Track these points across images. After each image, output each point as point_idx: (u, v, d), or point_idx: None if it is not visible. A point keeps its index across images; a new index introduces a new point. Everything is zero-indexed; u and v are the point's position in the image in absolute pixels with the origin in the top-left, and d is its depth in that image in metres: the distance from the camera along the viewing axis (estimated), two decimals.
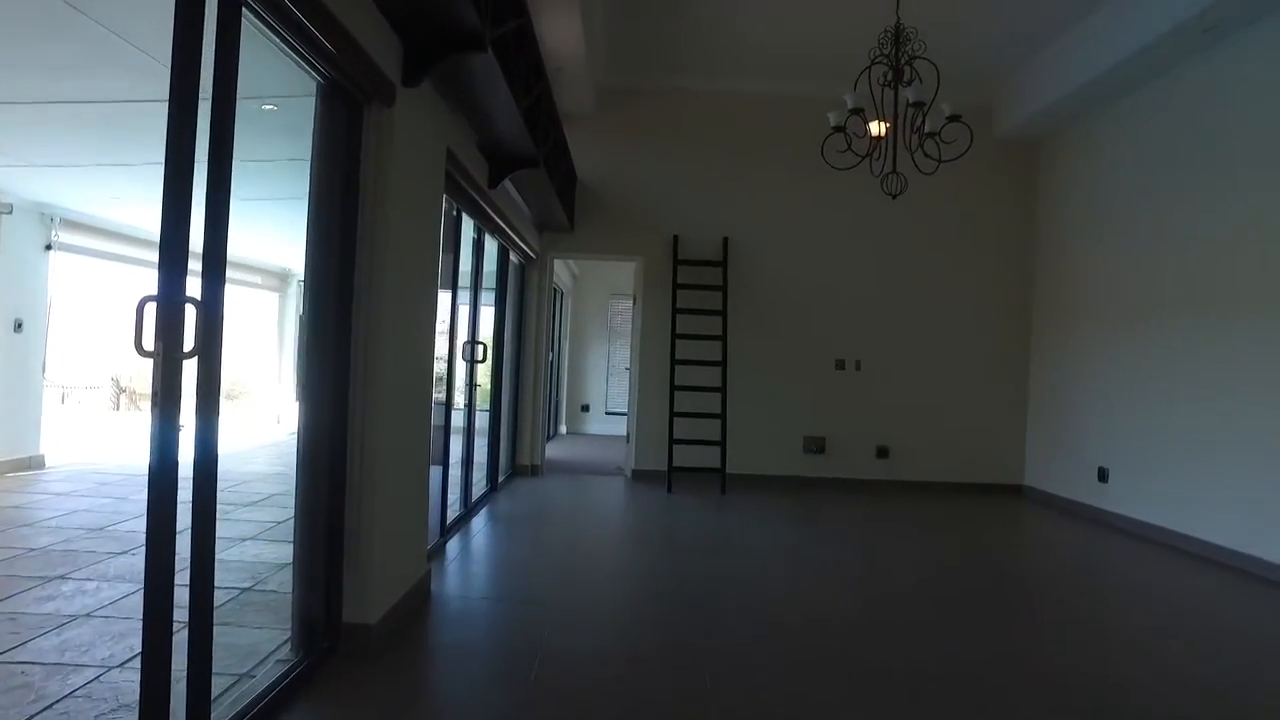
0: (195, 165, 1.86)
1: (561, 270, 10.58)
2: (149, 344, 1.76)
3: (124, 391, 14.28)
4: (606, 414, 12.33)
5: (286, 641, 3.10)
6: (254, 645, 3.17)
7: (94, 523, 5.18)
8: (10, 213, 6.74)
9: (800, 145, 7.79)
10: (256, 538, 5.00)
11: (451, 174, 3.95)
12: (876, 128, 5.18)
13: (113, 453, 8.40)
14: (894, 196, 5.23)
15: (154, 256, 1.84)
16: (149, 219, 8.00)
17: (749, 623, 3.80)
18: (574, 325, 12.25)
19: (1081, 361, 7.12)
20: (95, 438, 9.85)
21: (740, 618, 3.87)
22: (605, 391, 12.38)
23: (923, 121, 4.93)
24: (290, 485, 6.83)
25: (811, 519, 6.56)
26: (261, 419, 12.10)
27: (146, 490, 1.93)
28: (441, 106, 3.66)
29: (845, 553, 5.49)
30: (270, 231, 8.65)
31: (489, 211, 5.05)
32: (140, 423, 12.09)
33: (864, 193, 7.70)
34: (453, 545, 4.95)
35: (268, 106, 4.36)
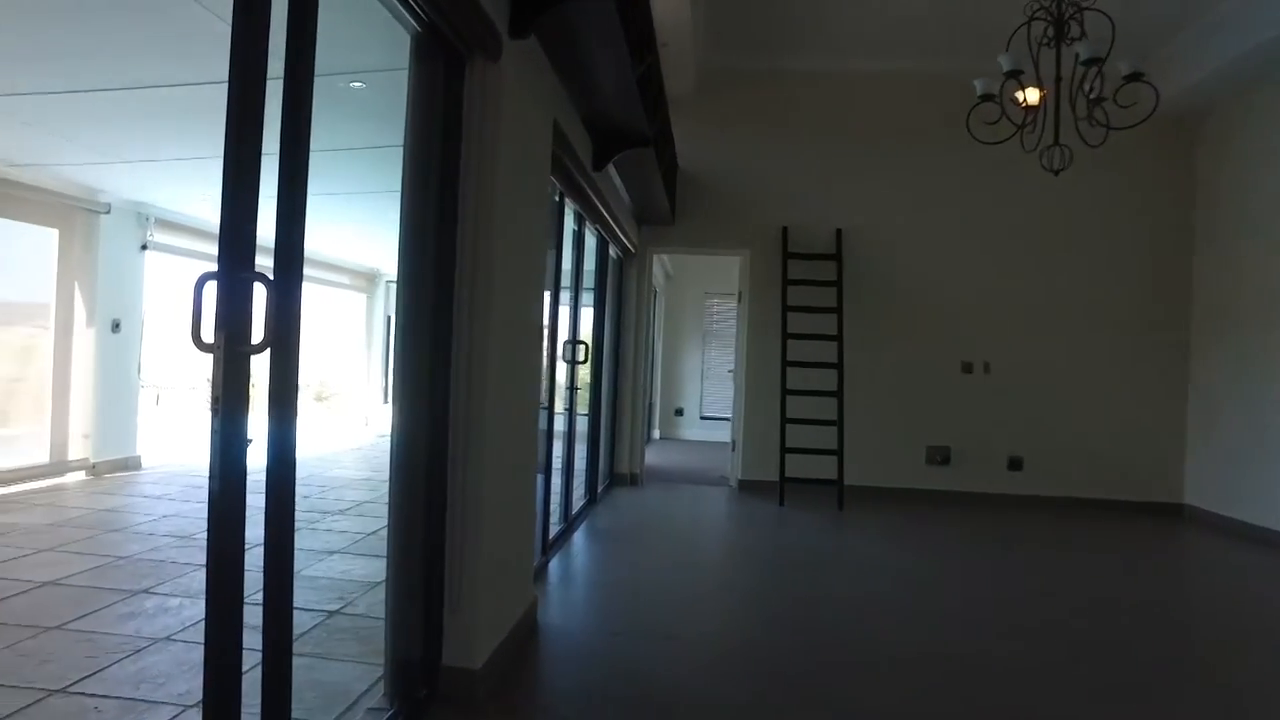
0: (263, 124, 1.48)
1: (655, 268, 10.16)
2: (209, 335, 1.37)
3: None
4: (702, 419, 11.85)
5: (379, 681, 2.74)
6: (342, 685, 2.82)
7: (182, 529, 5.01)
8: (108, 212, 6.74)
9: (923, 127, 7.17)
10: (344, 550, 4.73)
11: (556, 151, 3.55)
12: (1031, 94, 4.56)
13: (207, 454, 8.41)
14: (1056, 173, 4.58)
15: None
16: None
17: (900, 668, 3.27)
18: (667, 326, 11.81)
19: (1266, 364, 6.22)
20: (189, 439, 9.95)
21: (890, 658, 3.34)
22: (700, 395, 11.91)
23: (1095, 82, 4.27)
24: (380, 492, 6.63)
25: (938, 537, 5.92)
26: (349, 421, 12.09)
27: (207, 513, 1.56)
28: (547, 69, 3.26)
29: (978, 577, 4.85)
30: (358, 229, 8.52)
31: (592, 197, 4.65)
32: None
33: (997, 175, 7.05)
34: (555, 567, 4.56)
35: (355, 84, 4.06)
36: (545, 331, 4.29)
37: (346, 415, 12.18)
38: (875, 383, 7.24)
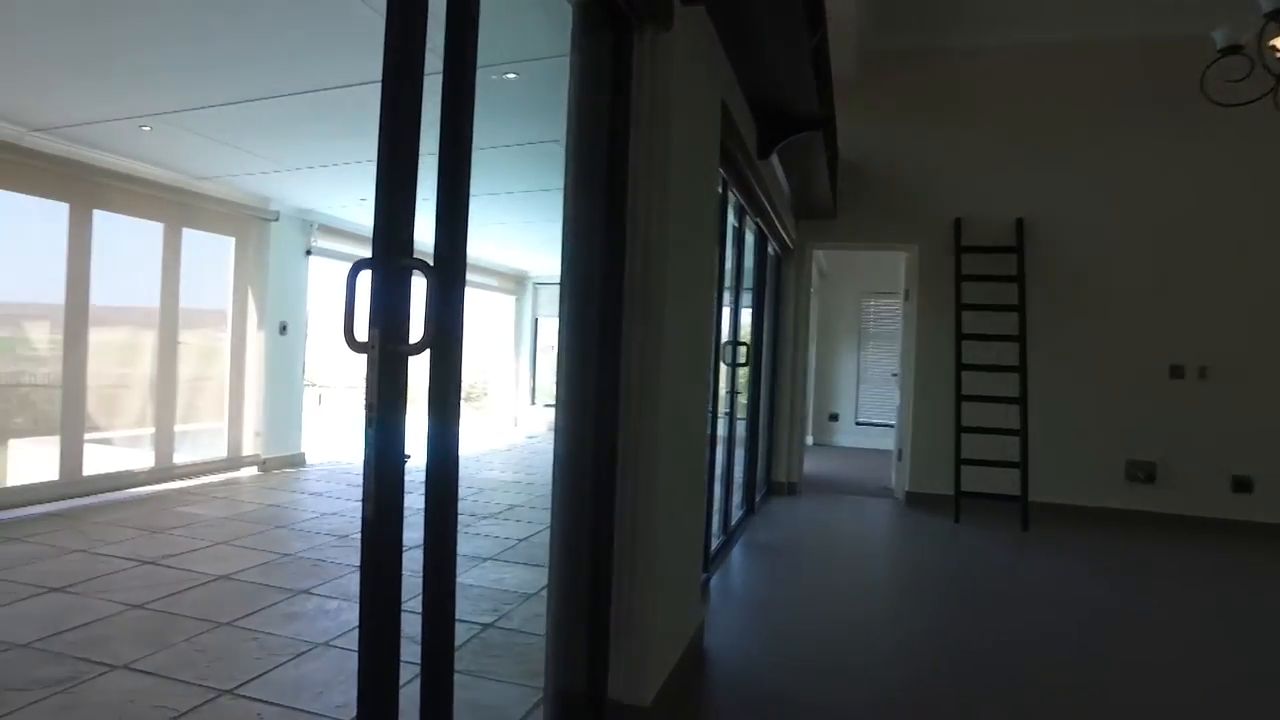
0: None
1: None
2: (362, 332, 1.19)
3: None
4: (857, 424, 11.26)
5: (537, 707, 2.58)
6: (498, 708, 2.68)
7: (341, 529, 5.12)
8: (277, 219, 7.09)
9: (1117, 101, 6.41)
10: (497, 558, 4.65)
11: (722, 136, 3.28)
12: None
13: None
14: None
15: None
16: None
17: None
18: (821, 327, 11.30)
19: None
20: (348, 438, 10.42)
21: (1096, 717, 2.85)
22: (855, 400, 11.32)
23: None
24: (530, 495, 6.61)
25: (1145, 568, 5.20)
26: (498, 422, 12.34)
27: (361, 537, 1.40)
28: (715, 42, 3.00)
29: (1203, 620, 4.15)
30: (506, 231, 8.60)
31: (755, 188, 4.35)
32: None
33: (1213, 149, 6.19)
34: (716, 585, 4.30)
35: (509, 75, 3.96)
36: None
37: (495, 416, 12.44)
38: (1064, 388, 6.52)
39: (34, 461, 5.58)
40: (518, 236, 8.97)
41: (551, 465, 2.35)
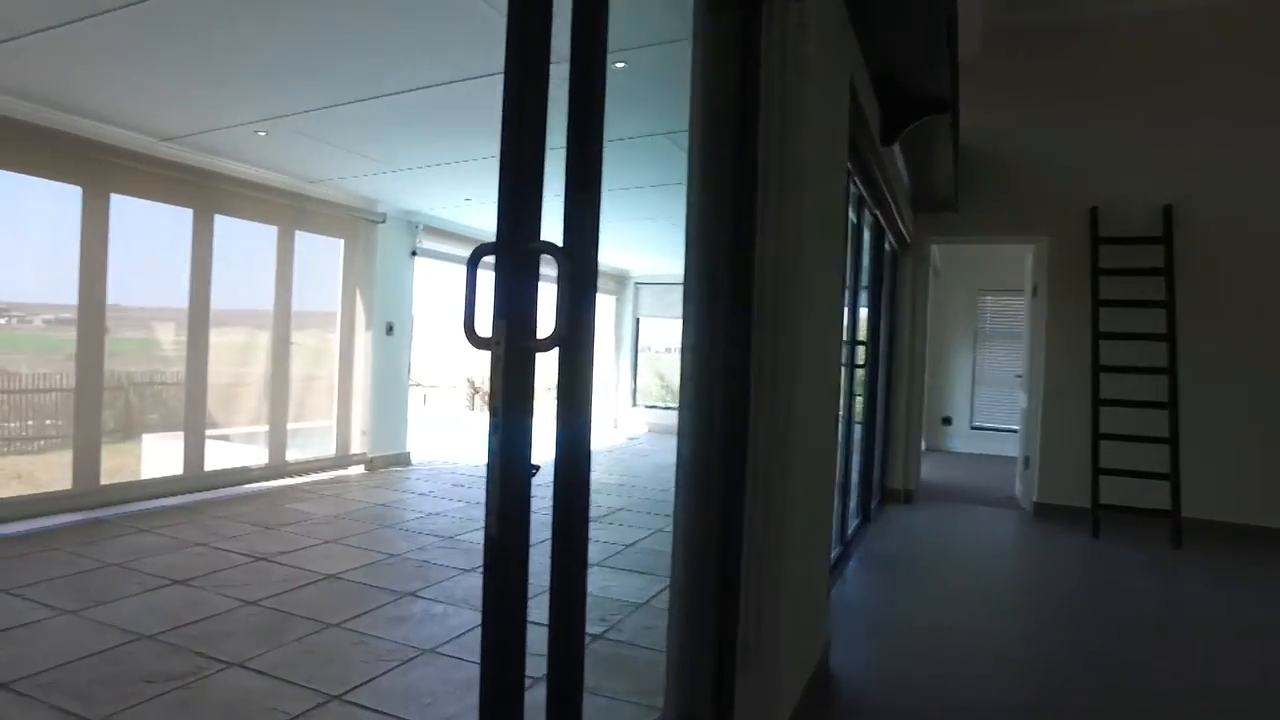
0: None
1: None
2: (484, 327, 1.06)
3: (478, 392, 15.66)
4: (972, 429, 10.69)
5: None
6: None
7: (445, 529, 5.12)
8: (384, 221, 7.23)
9: None
10: (603, 564, 4.55)
11: (849, 122, 3.05)
12: None
13: (466, 452, 8.83)
14: None
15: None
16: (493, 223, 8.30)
17: None
18: (934, 326, 10.76)
19: None
20: (451, 437, 10.58)
21: None
22: (971, 403, 10.75)
23: None
24: (634, 498, 6.49)
25: None
26: (598, 423, 12.34)
27: (484, 554, 1.29)
28: (844, 15, 2.78)
29: None
30: (606, 229, 8.53)
31: (877, 177, 4.09)
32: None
33: None
34: (835, 599, 4.06)
35: (618, 65, 3.84)
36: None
37: (595, 416, 12.45)
38: (1221, 392, 5.92)
39: (162, 457, 5.84)
40: (620, 235, 8.90)
41: (675, 471, 2.20)
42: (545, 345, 1.14)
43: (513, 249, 1.11)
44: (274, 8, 3.27)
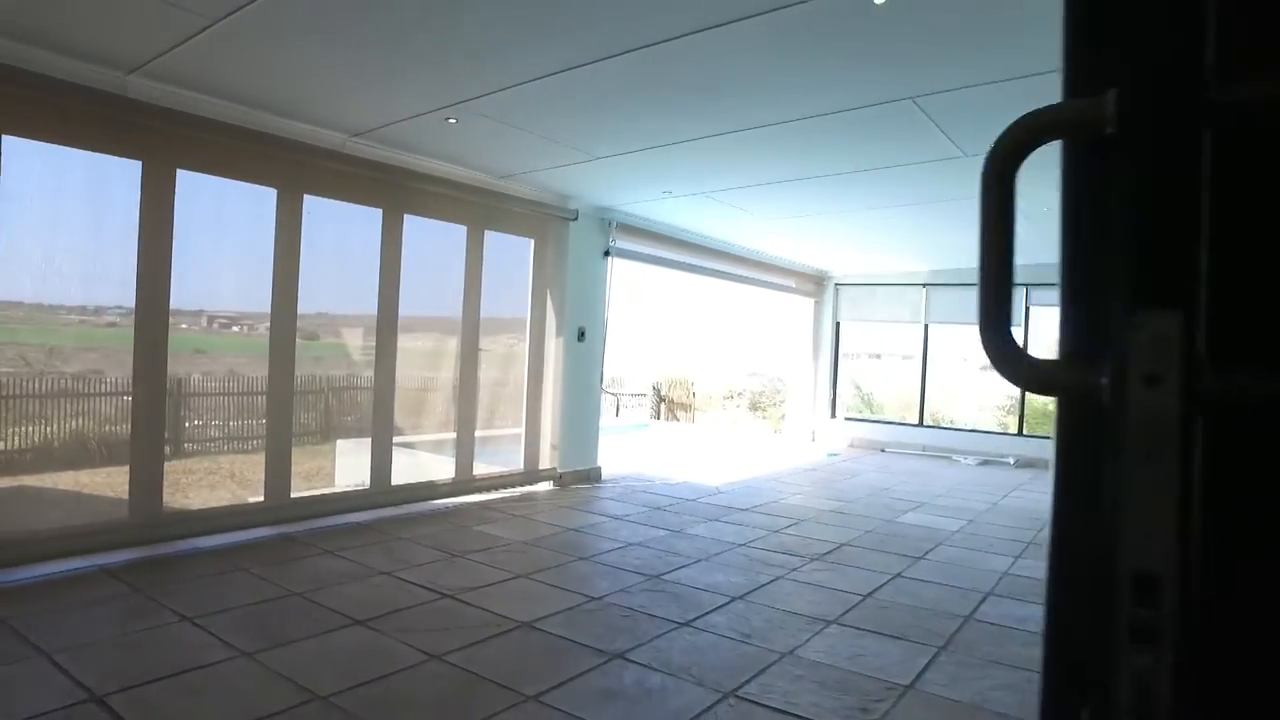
0: None
1: None
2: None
3: (664, 401, 15.18)
4: None
5: None
6: None
7: (649, 566, 4.50)
8: (576, 219, 6.77)
9: None
10: (841, 620, 3.73)
11: None
12: None
13: (657, 466, 8.25)
14: None
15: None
16: (695, 218, 7.79)
17: None
18: None
19: None
20: (640, 449, 10.08)
21: None
22: None
23: None
24: (854, 529, 5.65)
25: None
26: (793, 437, 11.44)
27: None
28: None
29: None
30: (804, 225, 7.67)
31: None
32: (679, 434, 12.41)
33: None
34: None
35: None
36: None
37: (790, 429, 11.56)
38: None
39: (350, 468, 5.65)
40: (818, 232, 8.03)
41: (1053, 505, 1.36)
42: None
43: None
44: None
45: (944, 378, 11.46)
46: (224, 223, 4.81)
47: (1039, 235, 7.86)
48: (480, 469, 6.28)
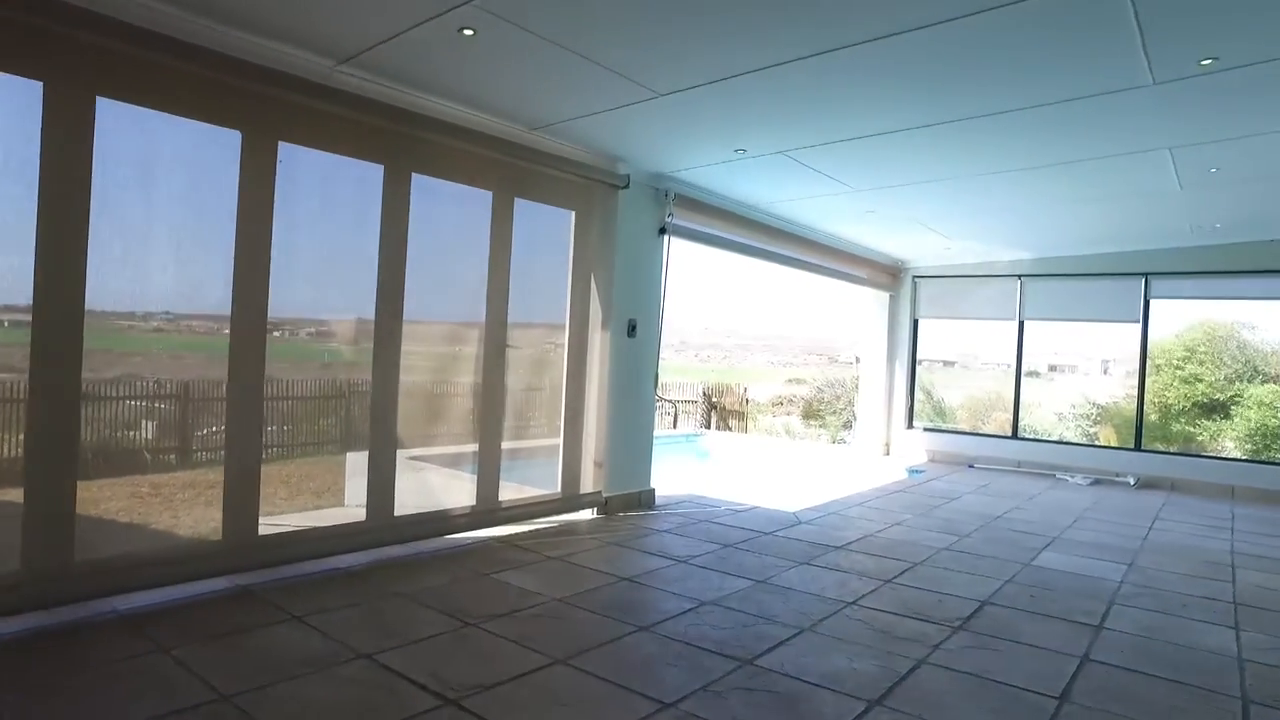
0: None
1: None
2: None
3: (715, 408, 13.83)
4: None
5: None
6: None
7: (735, 636, 3.23)
8: (626, 186, 5.51)
9: None
10: None
11: None
12: None
13: (718, 485, 6.94)
14: None
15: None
16: (767, 188, 6.49)
17: None
18: None
19: None
20: (694, 464, 8.79)
21: None
22: None
23: None
24: (985, 575, 4.06)
25: None
26: (864, 449, 10.05)
27: None
28: None
29: None
30: (871, 202, 6.33)
31: None
32: (735, 445, 11.05)
33: None
34: None
35: None
36: None
37: (860, 439, 10.18)
38: None
39: (350, 491, 4.45)
40: (892, 216, 6.69)
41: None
42: None
43: None
44: None
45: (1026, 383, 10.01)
46: (163, 174, 3.61)
47: (1162, 210, 6.27)
48: (508, 493, 5.04)
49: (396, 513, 4.38)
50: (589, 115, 4.54)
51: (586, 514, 5.49)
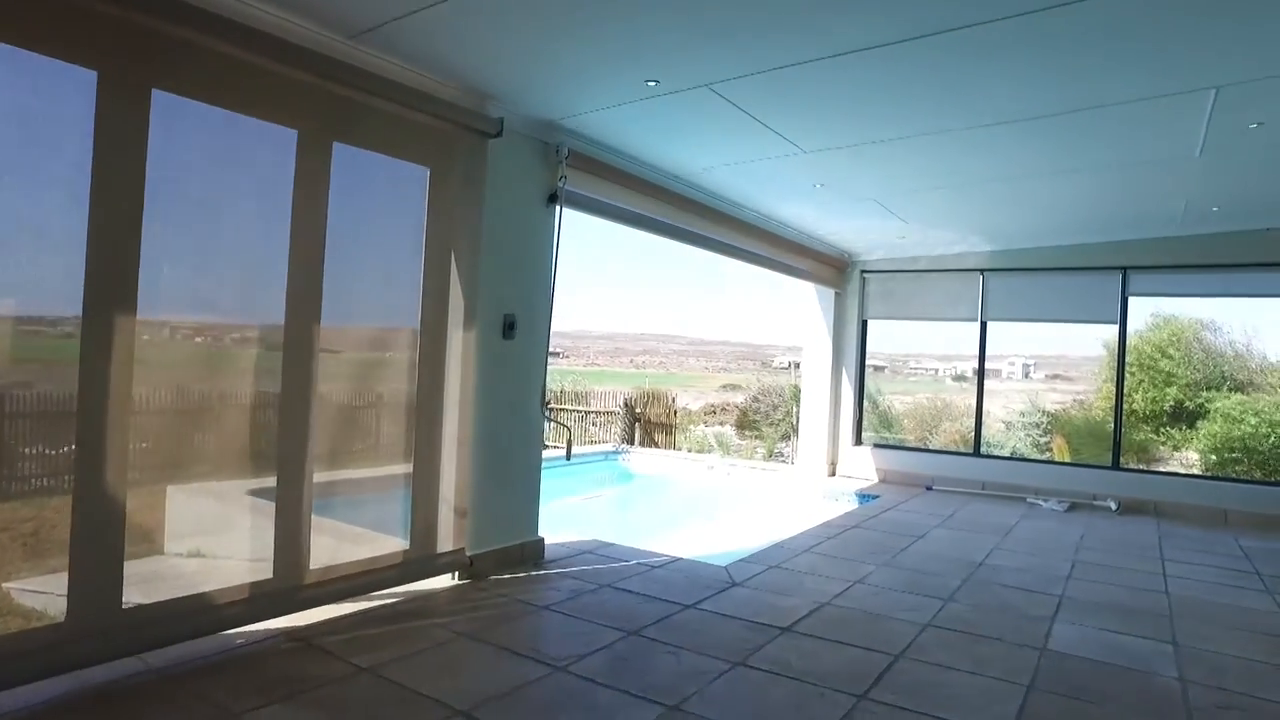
0: None
1: None
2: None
3: (639, 420, 12.39)
4: None
5: None
6: None
7: None
8: (499, 135, 4.09)
9: None
10: None
11: None
12: None
13: (631, 524, 5.55)
14: None
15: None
16: (691, 149, 4.86)
17: None
18: None
19: None
20: (606, 494, 7.40)
21: None
22: None
23: None
24: (1002, 688, 2.80)
25: None
26: (808, 465, 8.77)
27: None
28: None
29: None
30: (821, 177, 5.08)
31: None
32: (660, 465, 9.64)
33: None
34: None
35: None
36: None
37: (803, 457, 8.89)
38: None
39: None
40: (843, 196, 5.44)
41: None
42: None
43: None
44: None
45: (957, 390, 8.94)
46: None
47: (1157, 187, 4.80)
48: (320, 557, 3.53)
49: (125, 604, 2.86)
50: (429, 7, 3.09)
51: (443, 581, 4.03)
